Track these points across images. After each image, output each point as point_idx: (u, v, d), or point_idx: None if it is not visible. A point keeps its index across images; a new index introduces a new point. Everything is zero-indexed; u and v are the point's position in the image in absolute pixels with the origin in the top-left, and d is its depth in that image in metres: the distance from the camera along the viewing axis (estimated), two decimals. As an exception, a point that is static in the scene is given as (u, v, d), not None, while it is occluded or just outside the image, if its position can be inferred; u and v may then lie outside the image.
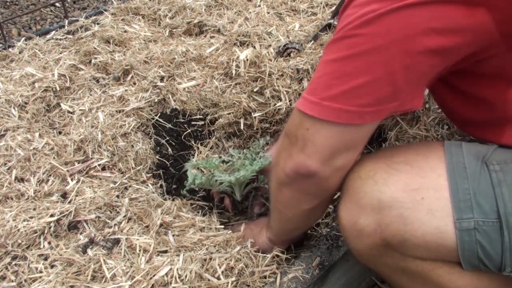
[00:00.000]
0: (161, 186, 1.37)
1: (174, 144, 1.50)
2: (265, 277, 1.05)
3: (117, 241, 1.09)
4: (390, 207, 0.81)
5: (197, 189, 1.33)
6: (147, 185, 1.31)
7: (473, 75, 0.83)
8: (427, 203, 0.80)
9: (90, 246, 1.08)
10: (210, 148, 1.51)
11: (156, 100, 1.51)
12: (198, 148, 1.51)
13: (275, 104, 1.44)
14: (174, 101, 1.52)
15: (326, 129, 0.80)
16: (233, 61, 1.57)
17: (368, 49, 0.75)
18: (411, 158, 0.85)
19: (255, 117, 1.44)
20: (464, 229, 0.78)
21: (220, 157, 1.39)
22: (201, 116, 1.54)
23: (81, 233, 1.11)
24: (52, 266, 1.04)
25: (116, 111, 1.45)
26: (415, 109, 0.82)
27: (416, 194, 0.80)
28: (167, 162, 1.46)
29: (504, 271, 0.80)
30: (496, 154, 0.83)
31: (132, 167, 1.32)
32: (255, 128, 1.47)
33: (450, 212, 0.79)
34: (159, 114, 1.51)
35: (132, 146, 1.36)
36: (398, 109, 0.80)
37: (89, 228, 1.12)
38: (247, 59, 1.55)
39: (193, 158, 1.48)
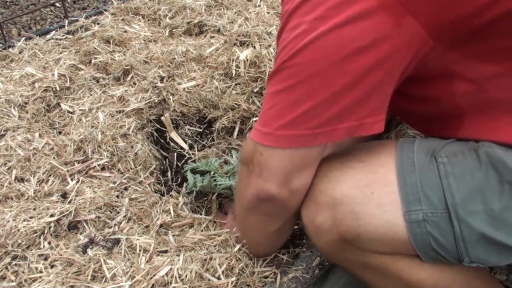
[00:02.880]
0: (161, 186, 1.37)
1: (173, 145, 1.50)
2: (265, 277, 1.05)
3: (117, 241, 1.09)
4: (342, 203, 0.83)
5: (197, 191, 1.33)
6: (147, 185, 1.31)
7: (417, 77, 0.83)
8: (377, 198, 0.82)
9: (90, 246, 1.08)
10: (209, 147, 1.51)
11: (156, 101, 1.51)
12: (198, 149, 1.51)
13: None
14: (174, 101, 1.52)
15: (277, 153, 0.83)
16: (233, 61, 1.57)
17: (307, 76, 0.77)
18: (364, 156, 0.87)
19: (254, 121, 1.44)
20: (413, 221, 0.80)
21: (220, 159, 1.39)
22: (201, 117, 1.54)
23: (81, 233, 1.11)
24: (52, 266, 1.04)
25: (116, 111, 1.45)
26: (377, 133, 0.82)
27: (366, 190, 0.82)
28: (166, 163, 1.46)
29: (463, 261, 0.81)
30: (447, 148, 0.84)
31: (132, 168, 1.32)
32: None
33: (399, 205, 0.81)
34: (159, 115, 1.51)
35: (132, 147, 1.36)
36: (356, 131, 0.81)
37: (89, 228, 1.12)
38: (247, 59, 1.55)
39: (193, 160, 1.48)
